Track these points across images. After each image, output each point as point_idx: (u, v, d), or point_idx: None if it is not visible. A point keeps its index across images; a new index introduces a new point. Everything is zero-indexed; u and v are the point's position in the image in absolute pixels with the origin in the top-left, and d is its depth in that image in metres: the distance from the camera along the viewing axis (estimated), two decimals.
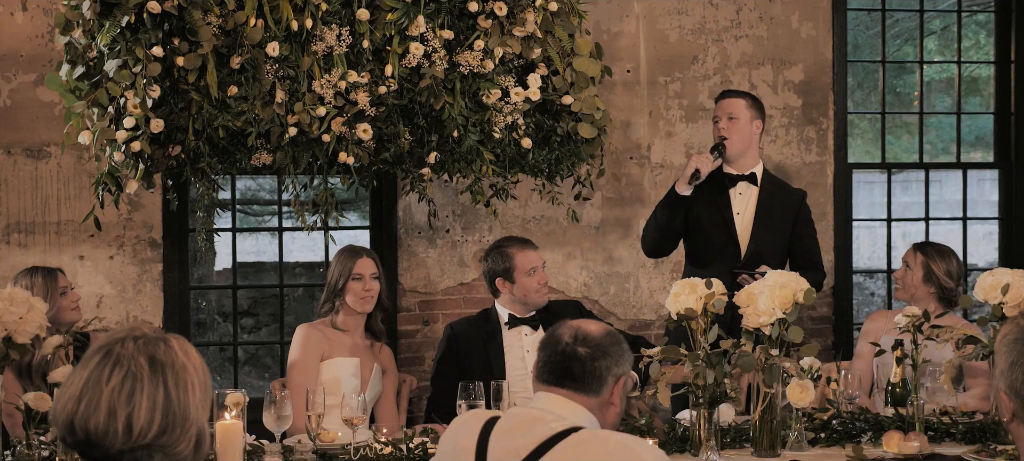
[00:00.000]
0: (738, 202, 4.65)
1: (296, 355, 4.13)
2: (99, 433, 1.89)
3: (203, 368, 2.00)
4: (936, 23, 8.52)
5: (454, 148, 4.16)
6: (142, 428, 1.89)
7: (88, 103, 3.94)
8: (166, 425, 1.91)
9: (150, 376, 1.91)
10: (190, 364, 1.97)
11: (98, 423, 1.89)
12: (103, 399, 1.88)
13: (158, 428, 1.90)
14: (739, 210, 4.65)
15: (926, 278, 4.38)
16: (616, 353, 2.54)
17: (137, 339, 1.96)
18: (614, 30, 5.74)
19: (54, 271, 4.33)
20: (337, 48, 4.03)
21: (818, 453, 3.57)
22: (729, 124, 4.60)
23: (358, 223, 7.48)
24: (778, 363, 3.49)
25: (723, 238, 4.62)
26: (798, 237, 4.67)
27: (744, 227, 4.62)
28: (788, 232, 4.65)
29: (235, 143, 4.04)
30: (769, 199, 4.64)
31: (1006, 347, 2.29)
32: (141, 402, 1.90)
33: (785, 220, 4.65)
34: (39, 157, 5.31)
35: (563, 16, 4.26)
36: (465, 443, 2.53)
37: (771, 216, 4.62)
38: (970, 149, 8.53)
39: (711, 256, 4.60)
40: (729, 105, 4.63)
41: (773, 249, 4.57)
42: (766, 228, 4.60)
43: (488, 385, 3.65)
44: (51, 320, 4.13)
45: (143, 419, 1.89)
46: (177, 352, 1.97)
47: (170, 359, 1.95)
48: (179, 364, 1.95)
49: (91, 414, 1.89)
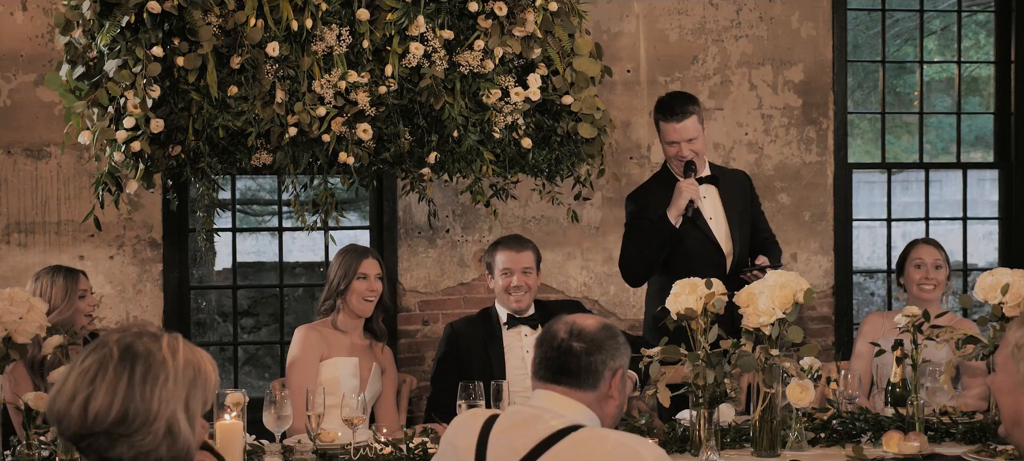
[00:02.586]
0: (706, 206, 4.52)
1: (295, 356, 4.13)
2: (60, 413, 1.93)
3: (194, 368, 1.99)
4: (936, 23, 8.52)
5: (454, 148, 4.16)
6: (98, 413, 1.90)
7: (88, 103, 3.94)
8: (125, 415, 1.91)
9: (117, 365, 1.93)
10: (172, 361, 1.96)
11: (61, 404, 1.93)
12: (71, 381, 1.93)
13: (116, 416, 1.90)
14: (710, 214, 4.53)
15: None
16: (611, 346, 2.53)
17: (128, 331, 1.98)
18: (614, 30, 5.74)
19: (76, 273, 4.32)
20: (337, 48, 4.03)
21: (818, 453, 3.57)
22: (691, 145, 4.42)
23: (358, 223, 7.48)
24: (778, 363, 3.49)
25: (704, 247, 4.49)
26: (754, 217, 4.65)
27: (720, 229, 4.51)
28: (749, 218, 4.62)
29: (235, 143, 4.04)
30: (729, 194, 4.58)
31: None
32: (101, 388, 1.91)
33: (745, 207, 4.61)
34: (39, 157, 5.31)
35: (563, 16, 4.26)
36: (465, 442, 2.53)
37: (735, 209, 4.57)
38: (970, 149, 8.53)
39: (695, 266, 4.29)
40: (685, 129, 4.40)
41: (745, 239, 4.56)
42: (738, 222, 4.55)
43: (488, 385, 3.65)
44: (65, 322, 4.12)
45: (99, 404, 1.90)
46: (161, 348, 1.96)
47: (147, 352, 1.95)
48: (157, 359, 1.95)
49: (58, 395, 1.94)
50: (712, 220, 4.53)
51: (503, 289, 4.28)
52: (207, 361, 2.05)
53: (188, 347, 2.02)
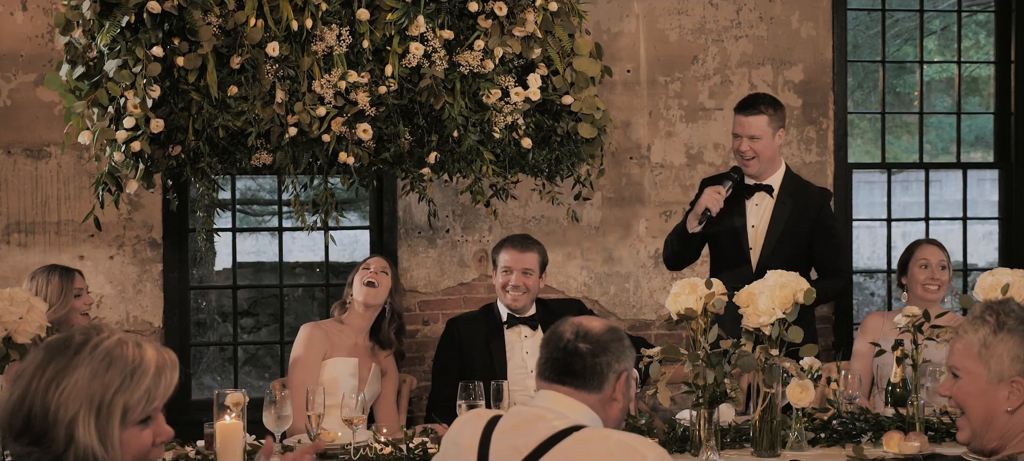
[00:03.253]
0: (753, 214, 4.49)
1: (298, 353, 4.14)
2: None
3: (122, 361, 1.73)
4: (936, 23, 8.52)
5: (454, 148, 4.16)
6: (5, 415, 1.74)
7: (88, 103, 3.94)
8: (27, 418, 1.71)
9: (35, 360, 1.74)
10: (87, 353, 1.73)
11: None
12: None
13: (20, 422, 1.72)
14: (754, 222, 4.49)
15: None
16: (617, 349, 2.54)
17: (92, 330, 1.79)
18: (614, 30, 5.74)
19: (72, 272, 4.38)
20: (337, 48, 4.02)
21: (818, 453, 3.57)
22: (752, 144, 4.40)
23: (358, 223, 7.48)
24: (778, 363, 3.49)
25: (734, 249, 4.47)
26: (815, 245, 4.46)
27: (756, 239, 4.47)
28: (807, 242, 4.45)
29: (235, 143, 4.04)
30: (783, 210, 4.45)
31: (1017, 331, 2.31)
32: (17, 387, 1.75)
33: (801, 229, 4.45)
34: (39, 157, 5.31)
35: (563, 16, 4.26)
36: (467, 442, 2.53)
37: (785, 228, 4.43)
38: (970, 149, 8.53)
39: (722, 265, 4.50)
40: (751, 125, 4.39)
41: (788, 261, 4.13)
42: (780, 241, 4.42)
43: (488, 385, 3.65)
44: (61, 320, 4.16)
45: (6, 405, 1.75)
46: (87, 341, 1.74)
47: (63, 345, 1.74)
48: (70, 352, 1.73)
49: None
50: (754, 228, 4.47)
51: (501, 286, 4.30)
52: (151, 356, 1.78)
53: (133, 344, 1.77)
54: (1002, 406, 2.34)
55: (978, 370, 2.37)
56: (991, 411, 2.36)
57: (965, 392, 2.40)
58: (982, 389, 2.37)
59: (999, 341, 2.35)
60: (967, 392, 2.40)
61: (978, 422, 2.39)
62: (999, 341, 2.35)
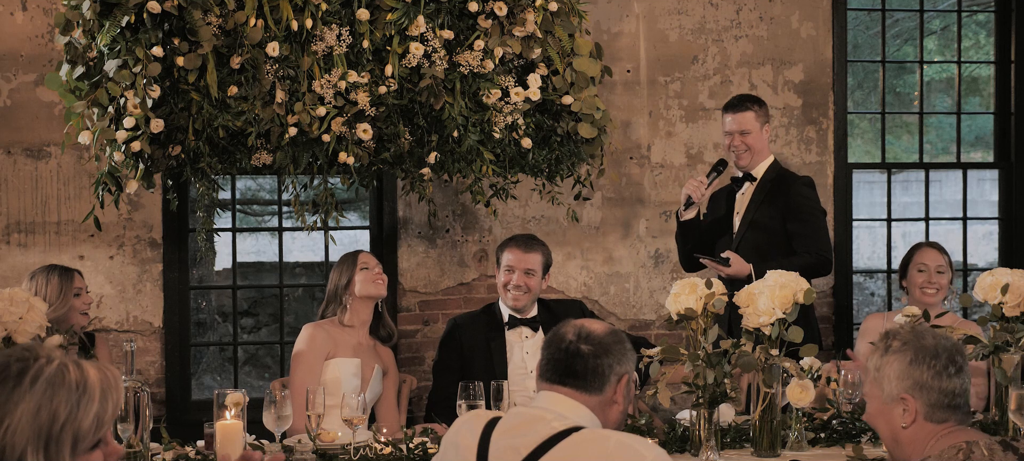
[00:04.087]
0: (740, 203, 4.73)
1: (300, 350, 4.12)
2: None
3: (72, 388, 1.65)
4: (936, 23, 8.52)
5: (454, 148, 4.16)
6: None
7: (88, 103, 3.94)
8: None
9: None
10: (28, 387, 1.63)
11: None
12: None
13: None
14: (739, 210, 4.73)
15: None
16: (619, 351, 2.55)
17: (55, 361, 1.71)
18: (614, 30, 5.74)
19: (71, 271, 4.39)
20: (337, 48, 4.02)
21: (818, 453, 3.57)
22: (743, 139, 4.65)
23: (358, 223, 7.48)
24: (778, 363, 3.49)
25: (723, 237, 4.74)
26: (789, 227, 4.60)
27: (737, 227, 4.72)
28: (780, 229, 4.61)
29: (235, 143, 4.04)
30: (759, 196, 4.66)
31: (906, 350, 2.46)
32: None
33: (773, 215, 4.63)
34: (39, 157, 5.31)
35: (563, 16, 4.26)
36: (466, 442, 2.54)
37: (756, 214, 4.63)
38: (970, 149, 8.53)
39: (716, 253, 4.67)
40: (740, 121, 4.65)
41: (756, 246, 4.56)
42: (755, 227, 4.63)
43: (488, 385, 3.65)
44: (59, 319, 4.17)
45: None
46: (27, 379, 1.64)
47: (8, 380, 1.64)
48: (8, 384, 1.64)
49: None
50: (739, 215, 4.72)
51: (502, 285, 4.30)
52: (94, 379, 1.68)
53: (74, 366, 1.68)
54: (898, 423, 2.47)
55: (875, 393, 2.54)
56: (892, 429, 2.50)
57: (869, 415, 2.58)
58: (879, 409, 2.53)
59: (886, 363, 2.49)
60: (870, 415, 2.58)
61: (888, 441, 2.55)
62: (886, 363, 2.49)
